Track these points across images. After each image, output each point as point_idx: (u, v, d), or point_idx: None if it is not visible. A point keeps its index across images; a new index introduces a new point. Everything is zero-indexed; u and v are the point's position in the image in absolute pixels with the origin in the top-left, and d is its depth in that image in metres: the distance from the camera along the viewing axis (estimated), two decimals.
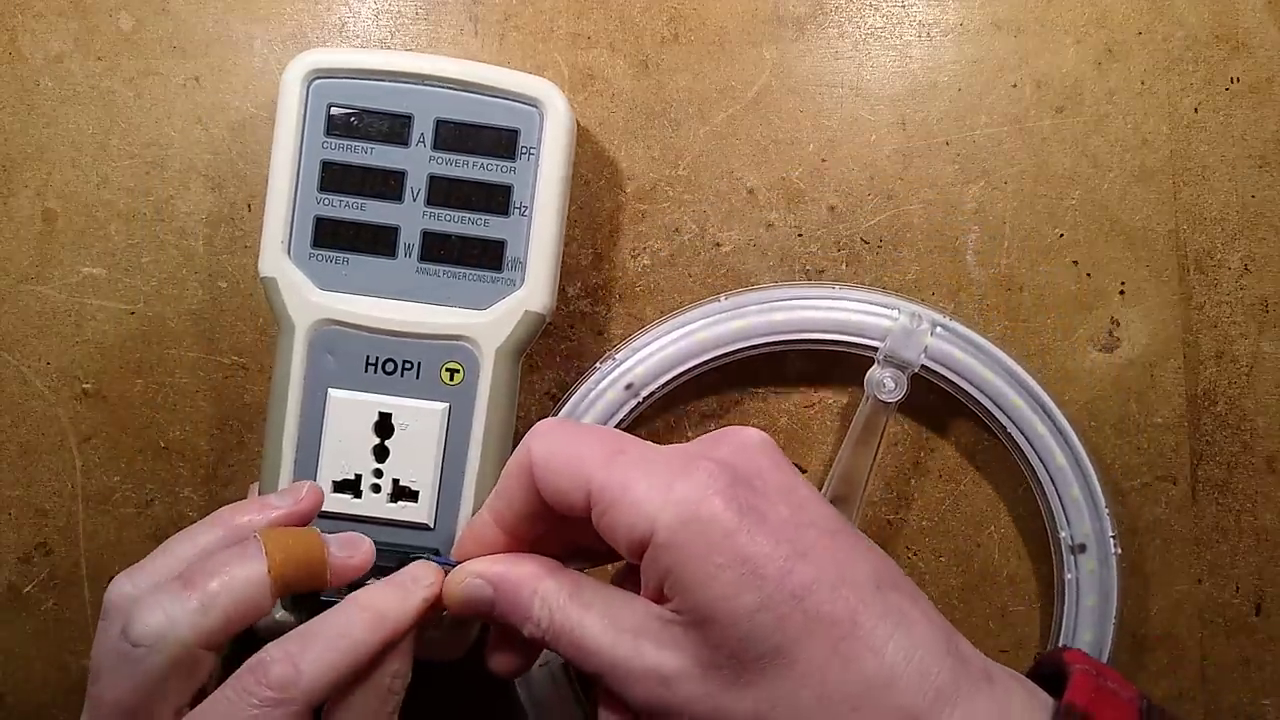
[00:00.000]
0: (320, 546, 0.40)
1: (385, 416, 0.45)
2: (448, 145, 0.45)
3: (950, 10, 0.51)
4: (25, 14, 0.51)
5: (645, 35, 0.51)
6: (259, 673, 0.36)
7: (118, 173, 0.51)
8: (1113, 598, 0.49)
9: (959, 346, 0.49)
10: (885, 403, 0.48)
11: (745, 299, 0.49)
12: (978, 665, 0.35)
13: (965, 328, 0.49)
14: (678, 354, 0.49)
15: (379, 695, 0.38)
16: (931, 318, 0.49)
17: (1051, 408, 0.49)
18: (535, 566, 0.39)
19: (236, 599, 0.37)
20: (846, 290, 0.49)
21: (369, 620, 0.38)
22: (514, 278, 0.45)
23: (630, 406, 0.48)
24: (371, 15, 0.51)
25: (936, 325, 0.49)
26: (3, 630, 0.51)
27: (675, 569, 0.35)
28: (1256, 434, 0.51)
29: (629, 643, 0.36)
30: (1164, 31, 0.51)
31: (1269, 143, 0.51)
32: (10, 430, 0.51)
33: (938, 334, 0.49)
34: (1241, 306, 0.51)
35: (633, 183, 0.51)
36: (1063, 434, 0.49)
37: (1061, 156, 0.51)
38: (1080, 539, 0.49)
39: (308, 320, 0.45)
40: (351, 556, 0.41)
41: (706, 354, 0.49)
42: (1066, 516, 0.49)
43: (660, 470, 0.36)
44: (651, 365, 0.48)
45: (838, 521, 0.37)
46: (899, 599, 0.35)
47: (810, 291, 0.49)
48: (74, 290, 0.51)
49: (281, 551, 0.38)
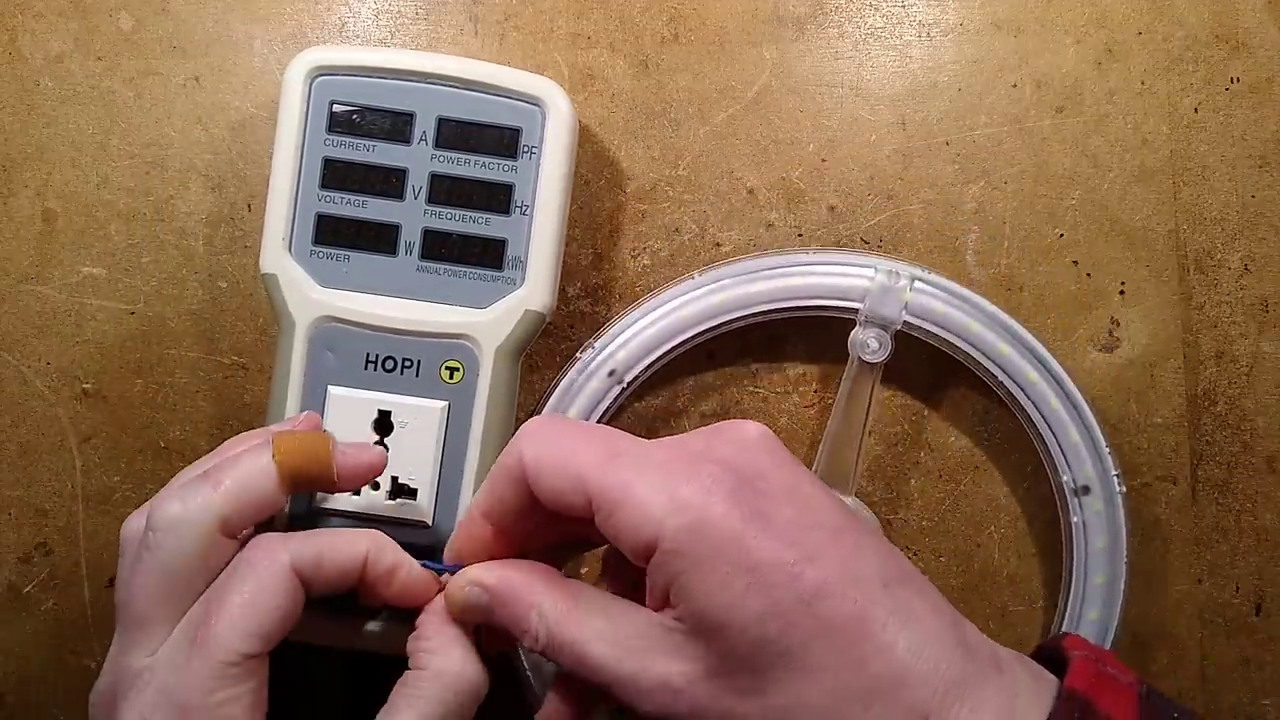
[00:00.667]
0: (325, 441, 0.40)
1: (385, 414, 0.45)
2: (449, 143, 0.45)
3: (950, 10, 0.51)
4: (25, 14, 0.51)
5: (645, 35, 0.51)
6: (254, 545, 0.39)
7: (118, 173, 0.51)
8: (1122, 537, 0.48)
9: (940, 299, 0.48)
10: (870, 364, 0.48)
11: (720, 273, 0.49)
12: (985, 653, 0.35)
13: (944, 279, 0.49)
14: (658, 335, 0.48)
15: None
16: (910, 272, 0.48)
17: (1042, 352, 0.48)
18: (531, 577, 0.38)
19: (245, 485, 0.38)
20: (821, 254, 0.49)
21: (354, 537, 0.40)
22: (515, 277, 0.45)
23: (615, 394, 0.48)
24: (371, 15, 0.51)
25: (915, 279, 0.48)
26: (3, 630, 0.51)
27: (682, 576, 0.34)
28: (1256, 434, 0.51)
29: (634, 656, 0.35)
30: (1164, 31, 0.51)
31: (1269, 143, 0.51)
32: (10, 430, 0.51)
33: (917, 288, 0.48)
34: (1241, 306, 0.51)
35: (633, 183, 0.51)
36: (1055, 377, 0.48)
37: (1061, 156, 0.51)
38: (1083, 481, 0.48)
39: (308, 317, 0.45)
40: (360, 454, 0.41)
41: (687, 332, 0.48)
42: (1067, 460, 0.48)
43: (661, 473, 0.36)
44: (632, 349, 0.48)
45: (843, 516, 0.37)
46: (907, 594, 0.35)
47: (785, 260, 0.49)
48: (74, 290, 0.51)
49: (287, 441, 0.40)
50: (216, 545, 0.38)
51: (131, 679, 0.37)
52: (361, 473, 0.41)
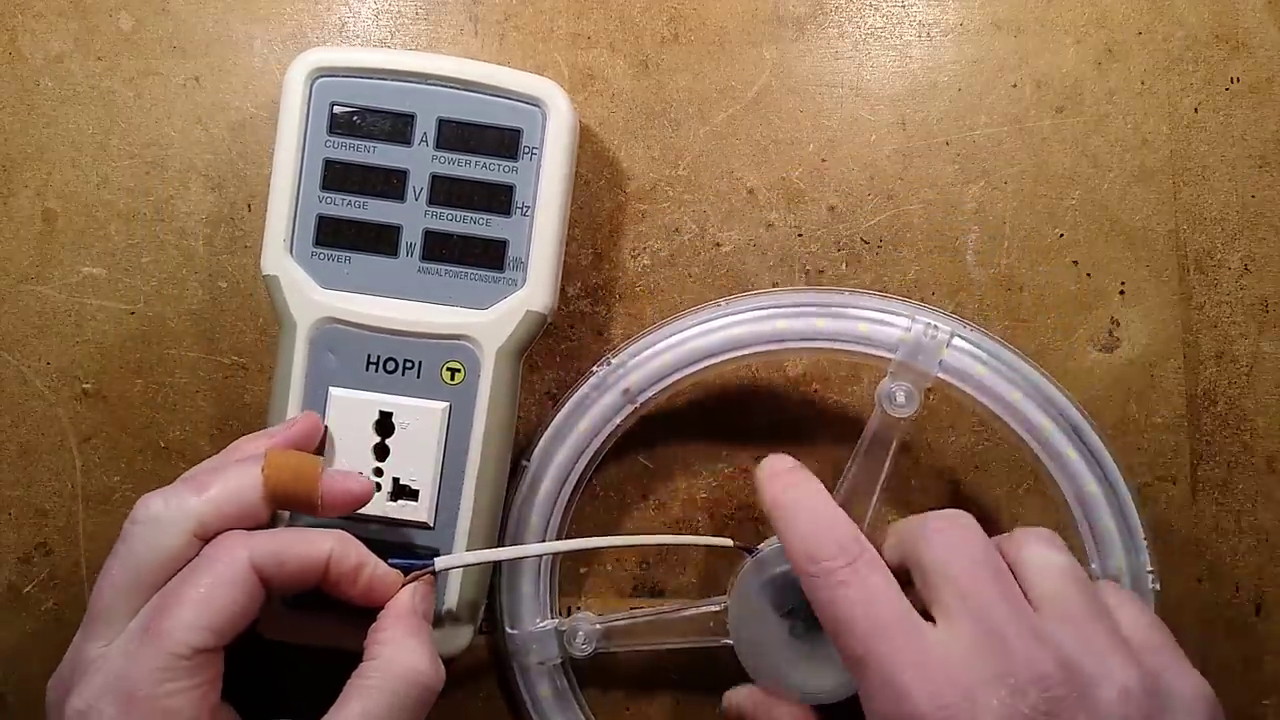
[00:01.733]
0: (316, 464, 0.41)
1: (386, 415, 0.45)
2: (450, 144, 0.45)
3: (950, 10, 0.51)
4: (25, 14, 0.51)
5: (645, 35, 0.51)
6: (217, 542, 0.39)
7: (118, 173, 0.51)
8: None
9: (980, 360, 0.46)
10: (896, 418, 0.45)
11: (744, 304, 0.47)
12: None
13: (987, 336, 0.46)
14: (675, 360, 0.47)
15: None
16: (950, 328, 0.46)
17: (1084, 428, 0.46)
18: None
19: (229, 495, 0.39)
20: (856, 297, 0.47)
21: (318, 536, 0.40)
22: (515, 277, 0.45)
23: (627, 412, 0.48)
24: (371, 15, 0.51)
25: (954, 335, 0.46)
26: (3, 630, 0.51)
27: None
28: (1256, 434, 0.51)
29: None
30: (1164, 31, 0.51)
31: (1269, 143, 0.51)
32: (10, 430, 0.51)
33: (955, 345, 0.46)
34: (1241, 306, 0.51)
35: (633, 183, 0.51)
36: (1095, 456, 0.46)
37: (1061, 156, 0.51)
38: (1112, 571, 0.46)
39: (309, 319, 0.45)
40: (346, 482, 0.41)
41: (704, 361, 0.47)
42: (1097, 547, 0.46)
43: None
44: (649, 371, 0.47)
45: None
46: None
47: (818, 299, 0.47)
48: (74, 290, 0.50)
49: (279, 459, 0.40)
50: (190, 547, 0.39)
51: (85, 666, 0.37)
52: (347, 501, 0.41)
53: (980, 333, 0.47)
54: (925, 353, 0.46)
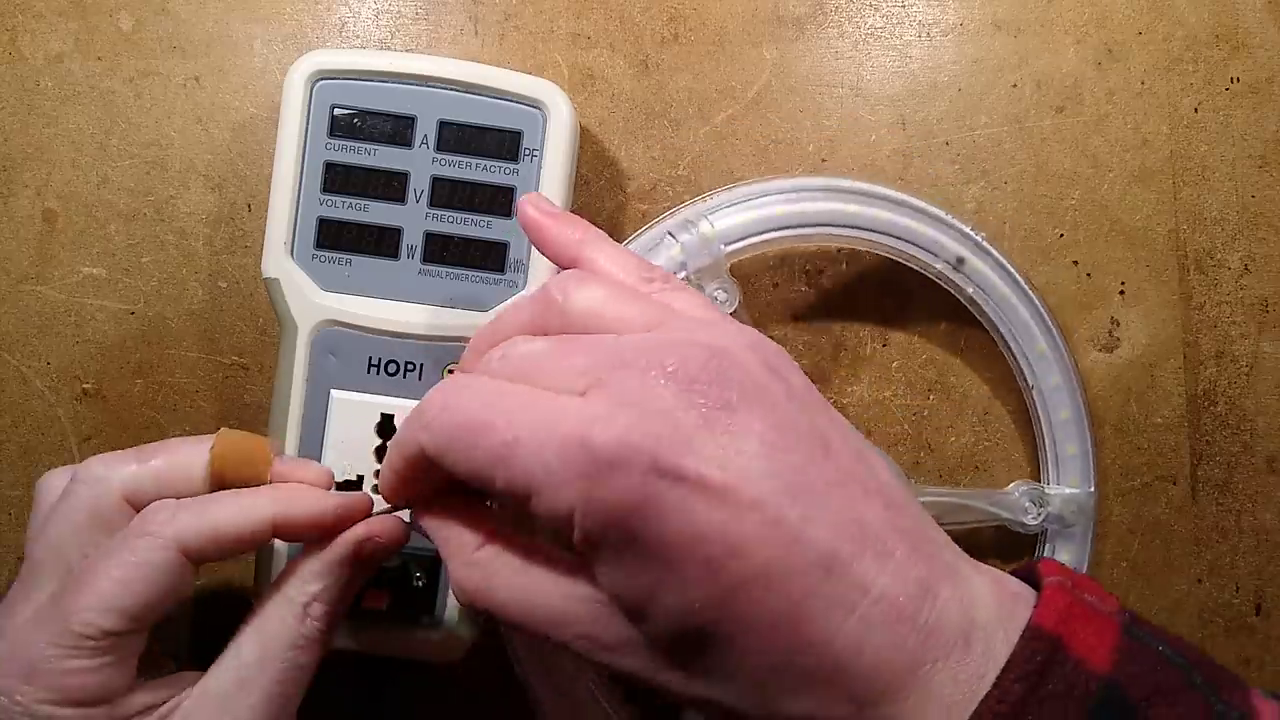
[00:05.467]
0: (265, 448, 0.41)
1: (387, 417, 0.45)
2: (451, 147, 0.45)
3: (950, 10, 0.51)
4: (25, 14, 0.50)
5: (645, 35, 0.51)
6: (142, 517, 0.38)
7: (118, 173, 0.50)
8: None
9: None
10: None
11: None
12: (953, 628, 0.30)
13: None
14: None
15: (293, 612, 0.38)
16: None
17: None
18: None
19: (171, 468, 0.39)
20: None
21: (254, 502, 0.38)
22: (516, 279, 0.45)
23: None
24: (371, 15, 0.51)
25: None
26: None
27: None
28: (1256, 434, 0.51)
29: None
30: (1164, 31, 0.51)
31: (1269, 143, 0.51)
32: (10, 430, 0.51)
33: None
34: (1241, 306, 0.51)
35: (633, 183, 0.51)
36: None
37: (1061, 156, 0.51)
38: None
39: (310, 321, 0.45)
40: (298, 470, 0.41)
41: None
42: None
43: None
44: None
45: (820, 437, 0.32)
46: (863, 570, 0.30)
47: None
48: (74, 290, 0.50)
49: (228, 441, 0.40)
50: (121, 513, 0.38)
51: (2, 629, 0.37)
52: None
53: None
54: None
